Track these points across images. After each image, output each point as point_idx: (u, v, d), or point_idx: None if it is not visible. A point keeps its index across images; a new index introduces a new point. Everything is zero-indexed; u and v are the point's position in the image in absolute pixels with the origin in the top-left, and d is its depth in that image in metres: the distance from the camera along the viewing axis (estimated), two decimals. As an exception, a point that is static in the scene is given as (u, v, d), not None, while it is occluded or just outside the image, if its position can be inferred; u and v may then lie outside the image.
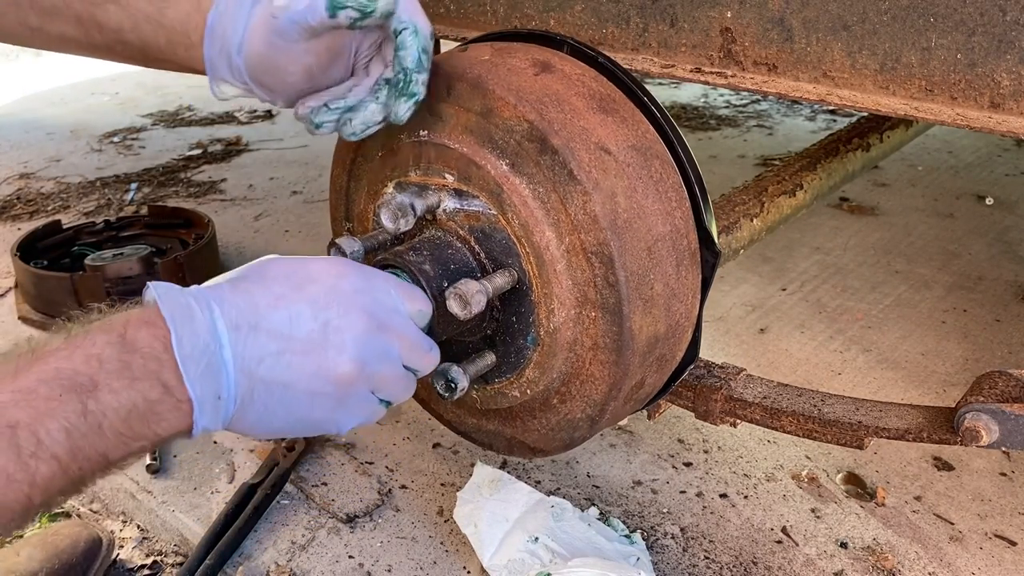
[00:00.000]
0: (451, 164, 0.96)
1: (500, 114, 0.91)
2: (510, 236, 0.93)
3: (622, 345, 0.91)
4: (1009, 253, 2.39)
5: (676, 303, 0.96)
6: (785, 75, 1.11)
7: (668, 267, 0.94)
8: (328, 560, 1.38)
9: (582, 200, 0.88)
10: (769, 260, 2.36)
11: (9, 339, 2.00)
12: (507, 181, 0.92)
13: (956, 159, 3.10)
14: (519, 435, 1.05)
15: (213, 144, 3.35)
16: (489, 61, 0.96)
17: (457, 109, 0.95)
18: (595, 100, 0.95)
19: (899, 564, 1.37)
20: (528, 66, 0.96)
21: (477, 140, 0.94)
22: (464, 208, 0.96)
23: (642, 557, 1.33)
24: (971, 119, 0.98)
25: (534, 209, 0.91)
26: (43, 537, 1.39)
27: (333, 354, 0.79)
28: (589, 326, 0.92)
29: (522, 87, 0.92)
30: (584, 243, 0.89)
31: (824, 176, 1.60)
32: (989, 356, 1.90)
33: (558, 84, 0.95)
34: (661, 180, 0.95)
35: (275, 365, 0.77)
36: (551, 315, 0.94)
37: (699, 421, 1.19)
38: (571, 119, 0.91)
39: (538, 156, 0.89)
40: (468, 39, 1.12)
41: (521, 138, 0.90)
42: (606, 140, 0.92)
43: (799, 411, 1.08)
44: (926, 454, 1.61)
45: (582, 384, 0.96)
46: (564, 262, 0.91)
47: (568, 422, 1.00)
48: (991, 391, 0.96)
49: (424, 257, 0.95)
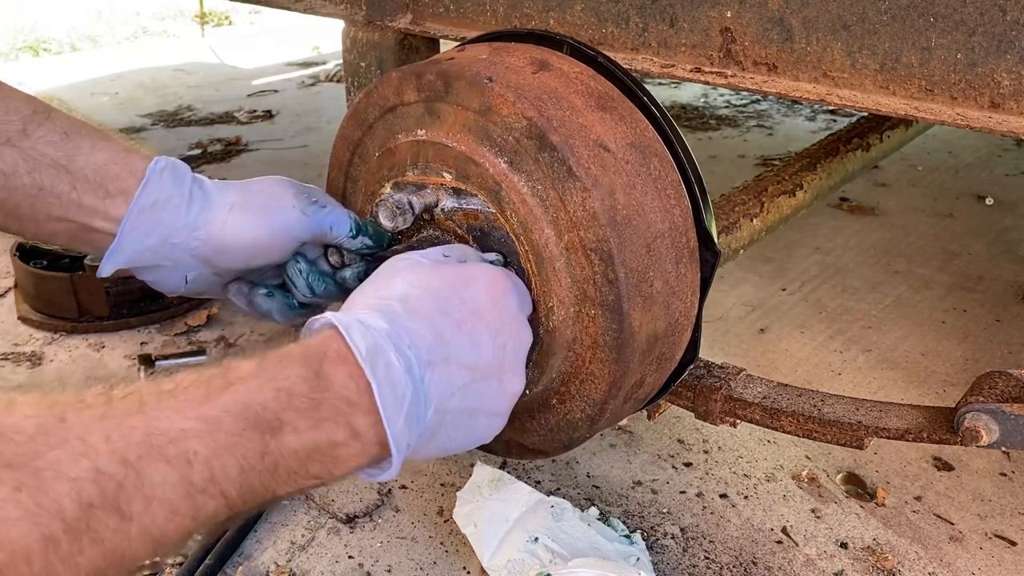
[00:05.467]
0: (449, 163, 0.96)
1: (498, 111, 0.91)
2: (508, 234, 0.93)
3: (622, 343, 0.91)
4: (1009, 253, 2.39)
5: (675, 300, 0.95)
6: (785, 75, 1.11)
7: (667, 264, 0.93)
8: (328, 560, 1.38)
9: (581, 197, 0.88)
10: (769, 260, 2.36)
11: (8, 339, 2.00)
12: (506, 179, 0.92)
13: (956, 159, 3.10)
14: (517, 437, 1.05)
15: (213, 144, 3.35)
16: (487, 59, 0.96)
17: (455, 107, 0.95)
18: (593, 98, 0.95)
19: (899, 564, 1.37)
20: (526, 64, 0.96)
21: (475, 138, 0.93)
22: (462, 207, 0.96)
23: (642, 557, 1.33)
24: (971, 119, 0.98)
25: (533, 207, 0.91)
26: None
27: (509, 377, 0.81)
28: (588, 324, 0.92)
29: (520, 85, 0.92)
30: (583, 240, 0.89)
31: (824, 176, 1.60)
32: (989, 356, 1.90)
33: (556, 82, 0.95)
34: (660, 177, 0.95)
35: (465, 396, 0.76)
36: (550, 314, 0.93)
37: (699, 421, 1.19)
38: (570, 116, 0.91)
39: (537, 153, 0.89)
40: (467, 39, 1.12)
41: (520, 135, 0.90)
42: (605, 137, 0.92)
43: (799, 411, 1.08)
44: (926, 454, 1.61)
45: (582, 383, 0.96)
46: (563, 260, 0.91)
47: (568, 422, 1.00)
48: (991, 391, 0.95)
49: None
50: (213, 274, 1.01)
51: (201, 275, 1.00)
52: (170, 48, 4.99)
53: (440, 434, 0.76)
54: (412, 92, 0.97)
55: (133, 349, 1.95)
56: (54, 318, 2.03)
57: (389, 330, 0.72)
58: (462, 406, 0.76)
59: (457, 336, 0.76)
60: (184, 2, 5.91)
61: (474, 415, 0.78)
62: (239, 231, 0.97)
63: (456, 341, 0.76)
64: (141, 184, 0.94)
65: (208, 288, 1.04)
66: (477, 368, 0.77)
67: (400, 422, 0.70)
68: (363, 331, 0.71)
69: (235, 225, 0.97)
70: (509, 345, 0.80)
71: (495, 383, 0.79)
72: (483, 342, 0.78)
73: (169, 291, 1.02)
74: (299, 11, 1.69)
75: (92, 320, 2.02)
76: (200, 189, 0.98)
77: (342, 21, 1.60)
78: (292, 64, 4.59)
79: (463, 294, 0.79)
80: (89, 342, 1.98)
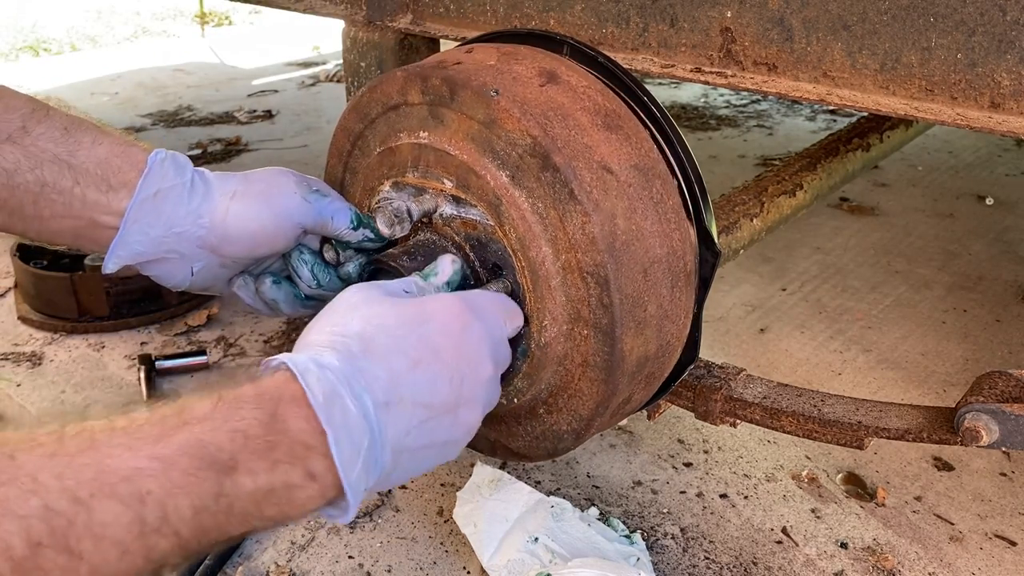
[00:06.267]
0: (450, 170, 0.96)
1: (503, 126, 0.90)
2: (506, 248, 0.93)
3: (612, 365, 0.91)
4: (1009, 253, 2.39)
5: (668, 324, 0.95)
6: (785, 75, 1.11)
7: (663, 289, 0.93)
8: (328, 560, 1.38)
9: (581, 220, 0.87)
10: (769, 260, 2.36)
11: (8, 339, 2.00)
12: (506, 193, 0.91)
13: (956, 159, 3.10)
14: (503, 439, 1.05)
15: (213, 144, 3.35)
16: (495, 67, 0.95)
17: (460, 115, 0.94)
18: (600, 116, 0.94)
19: (899, 564, 1.37)
20: (534, 75, 0.95)
21: (478, 148, 0.93)
22: (461, 215, 0.96)
23: (642, 557, 1.33)
24: (971, 119, 0.98)
25: (532, 224, 0.90)
26: None
27: (465, 410, 0.80)
28: (580, 343, 0.92)
29: (527, 99, 0.91)
30: (580, 263, 0.89)
31: (824, 176, 1.60)
32: (989, 356, 1.90)
33: (564, 97, 0.93)
34: (661, 201, 0.94)
35: (420, 434, 0.76)
36: (543, 330, 0.93)
37: (699, 421, 1.19)
38: (575, 136, 0.90)
39: (539, 172, 0.89)
40: (467, 39, 1.12)
41: (523, 152, 0.89)
42: (609, 159, 0.91)
43: (799, 411, 1.08)
44: (926, 454, 1.61)
45: (569, 398, 0.96)
46: (559, 278, 0.91)
47: (553, 433, 1.00)
48: (991, 391, 0.95)
49: (419, 263, 0.95)
50: (219, 265, 1.01)
51: (207, 266, 1.00)
52: (170, 48, 5.00)
53: (396, 472, 0.77)
54: (416, 94, 0.97)
55: (133, 349, 1.95)
56: (54, 318, 2.03)
57: (345, 371, 0.72)
58: (417, 443, 0.76)
59: (412, 375, 0.76)
60: (184, 2, 5.91)
61: (428, 448, 0.78)
62: (242, 217, 0.97)
63: (411, 380, 0.75)
64: (143, 175, 0.94)
65: (214, 282, 1.04)
66: (432, 406, 0.77)
67: (357, 467, 0.70)
68: (319, 375, 0.70)
69: (238, 211, 0.97)
70: (467, 381, 0.79)
71: (450, 418, 0.79)
72: (439, 379, 0.77)
73: (175, 285, 1.01)
74: (299, 11, 1.69)
75: (92, 320, 2.02)
76: (202, 179, 0.98)
77: (342, 21, 1.60)
78: (292, 64, 4.59)
79: (420, 331, 0.78)
80: (89, 342, 1.98)
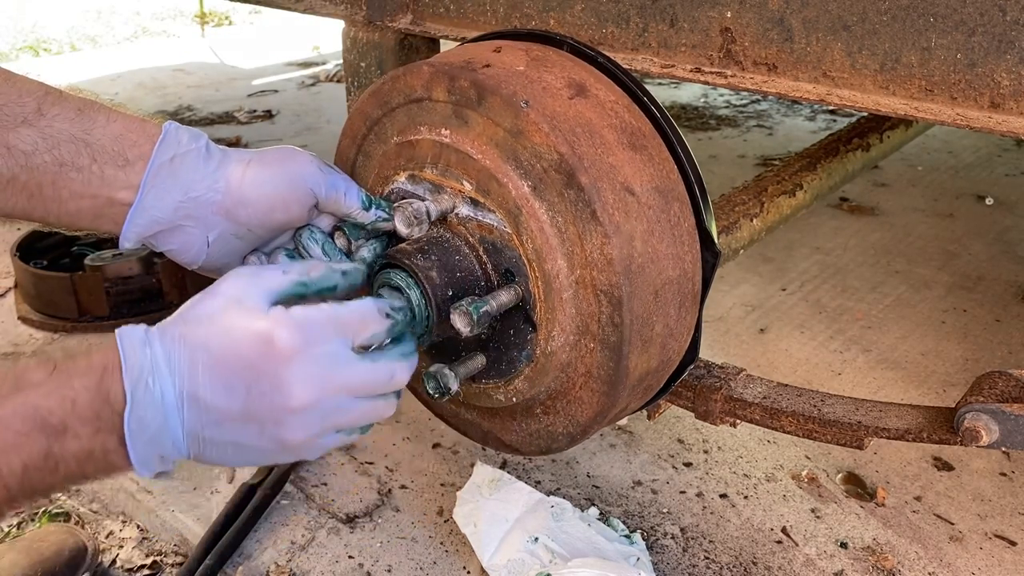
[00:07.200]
0: (471, 173, 0.95)
1: (531, 138, 0.90)
2: (521, 257, 0.93)
3: (616, 380, 0.92)
4: (1009, 253, 2.39)
5: (672, 341, 0.97)
6: (785, 75, 1.11)
7: (671, 309, 0.94)
8: (328, 560, 1.38)
9: (600, 241, 0.88)
10: (769, 260, 2.36)
11: (8, 339, 2.00)
12: (527, 204, 0.91)
13: (956, 159, 3.10)
14: (497, 431, 1.06)
15: (213, 144, 3.35)
16: (524, 74, 0.95)
17: (485, 120, 0.93)
18: (626, 134, 0.94)
19: (899, 564, 1.37)
20: (564, 87, 0.95)
21: (502, 155, 0.92)
22: (478, 218, 0.96)
23: (642, 557, 1.33)
24: (971, 119, 0.98)
25: (550, 237, 0.91)
26: (29, 543, 1.40)
27: (272, 427, 0.78)
28: (586, 355, 0.93)
29: (556, 113, 0.91)
30: (595, 280, 0.89)
31: (824, 176, 1.60)
32: (989, 356, 1.90)
33: (592, 112, 0.93)
34: (678, 224, 0.95)
35: (218, 431, 0.78)
36: (550, 338, 0.94)
37: (699, 421, 1.19)
38: (601, 155, 0.90)
39: (563, 188, 0.89)
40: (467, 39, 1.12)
41: (548, 166, 0.89)
42: (632, 181, 0.91)
43: (799, 411, 1.08)
44: (926, 454, 1.61)
45: (568, 404, 0.97)
46: (571, 292, 0.91)
47: (548, 433, 1.01)
48: (991, 391, 0.95)
49: (432, 262, 0.94)
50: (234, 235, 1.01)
51: (221, 237, 1.00)
52: (170, 48, 5.00)
53: (208, 454, 0.80)
54: (442, 92, 0.96)
55: (133, 349, 1.95)
56: (54, 318, 2.03)
57: (160, 354, 0.76)
58: (220, 439, 0.79)
59: (209, 373, 0.77)
60: (184, 2, 5.91)
61: (235, 446, 0.80)
62: (258, 181, 0.98)
63: (207, 379, 0.77)
64: (158, 142, 0.95)
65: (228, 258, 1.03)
66: (228, 411, 0.77)
67: (143, 441, 0.75)
68: (139, 352, 0.75)
69: (254, 175, 0.98)
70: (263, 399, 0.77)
71: (255, 427, 0.78)
72: (235, 390, 0.77)
73: (190, 261, 1.01)
74: (299, 11, 1.69)
75: (92, 320, 2.02)
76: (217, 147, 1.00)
77: (342, 21, 1.60)
78: (292, 64, 4.59)
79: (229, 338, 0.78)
80: (89, 342, 1.98)
